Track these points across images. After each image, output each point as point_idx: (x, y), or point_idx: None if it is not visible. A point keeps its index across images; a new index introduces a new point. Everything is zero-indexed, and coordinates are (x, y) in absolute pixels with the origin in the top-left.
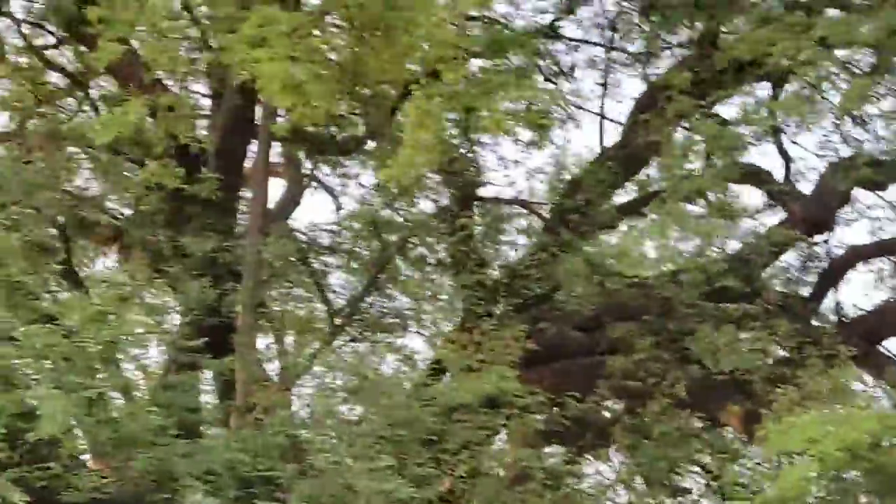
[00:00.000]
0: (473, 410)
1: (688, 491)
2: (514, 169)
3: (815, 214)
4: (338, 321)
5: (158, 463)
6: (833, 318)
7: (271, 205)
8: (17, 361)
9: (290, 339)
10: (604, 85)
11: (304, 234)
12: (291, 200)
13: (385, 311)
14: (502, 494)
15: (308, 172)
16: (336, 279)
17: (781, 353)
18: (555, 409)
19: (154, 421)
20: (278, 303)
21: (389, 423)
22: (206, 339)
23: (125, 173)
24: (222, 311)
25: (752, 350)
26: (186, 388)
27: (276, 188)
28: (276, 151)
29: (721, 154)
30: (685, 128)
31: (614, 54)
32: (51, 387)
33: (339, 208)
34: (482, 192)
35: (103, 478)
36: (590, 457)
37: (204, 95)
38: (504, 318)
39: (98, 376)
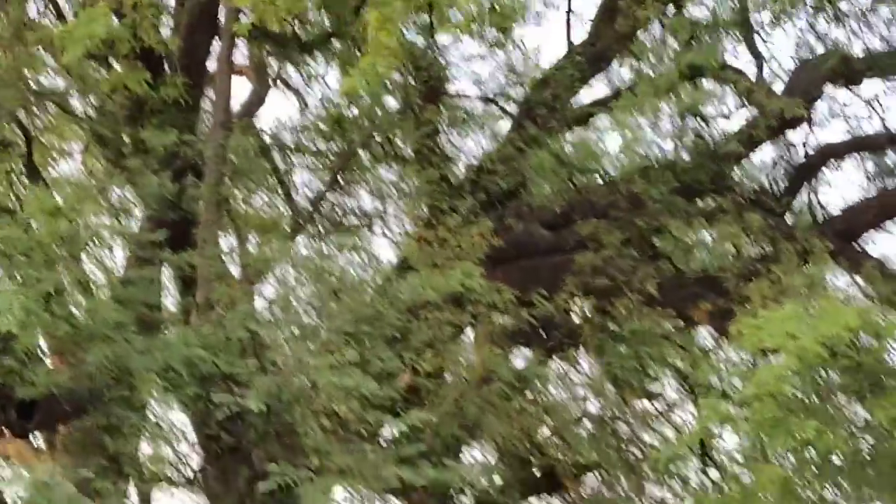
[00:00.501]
0: (438, 308)
1: (659, 395)
2: (479, 65)
3: (786, 110)
4: (300, 219)
5: (116, 359)
6: (808, 215)
7: (236, 104)
8: None
9: (252, 238)
10: None
11: (267, 133)
12: (256, 100)
13: (349, 209)
14: (467, 394)
15: (273, 72)
16: (299, 178)
17: (755, 250)
18: (522, 308)
19: (113, 316)
20: (241, 200)
21: (353, 320)
22: (167, 233)
23: (90, 72)
24: (184, 208)
25: (724, 245)
26: (146, 283)
27: (241, 88)
28: (241, 52)
29: (690, 50)
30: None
31: None
32: (7, 281)
33: (304, 108)
34: (448, 88)
35: (60, 373)
36: (559, 360)
37: None
38: (470, 215)
39: (57, 272)
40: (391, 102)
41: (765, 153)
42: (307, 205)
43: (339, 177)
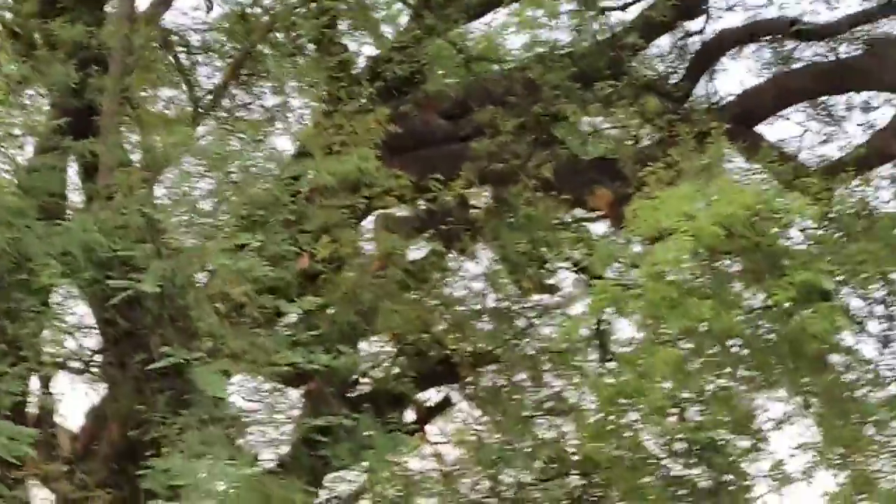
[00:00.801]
0: (335, 193)
1: (556, 288)
2: None
3: None
4: (201, 111)
5: (15, 244)
6: (705, 102)
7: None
8: None
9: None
10: None
11: (172, 29)
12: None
13: (249, 103)
14: (363, 282)
15: None
16: (202, 72)
17: (652, 134)
18: (419, 197)
19: (12, 202)
20: (144, 92)
21: (247, 204)
22: (70, 121)
23: None
24: (88, 98)
25: (620, 130)
26: (49, 171)
27: None
28: None
29: None
30: None
31: None
32: None
33: (210, 8)
34: None
35: None
36: (456, 251)
37: None
38: (367, 103)
39: None
40: None
41: (662, 42)
42: (208, 98)
43: (238, 71)
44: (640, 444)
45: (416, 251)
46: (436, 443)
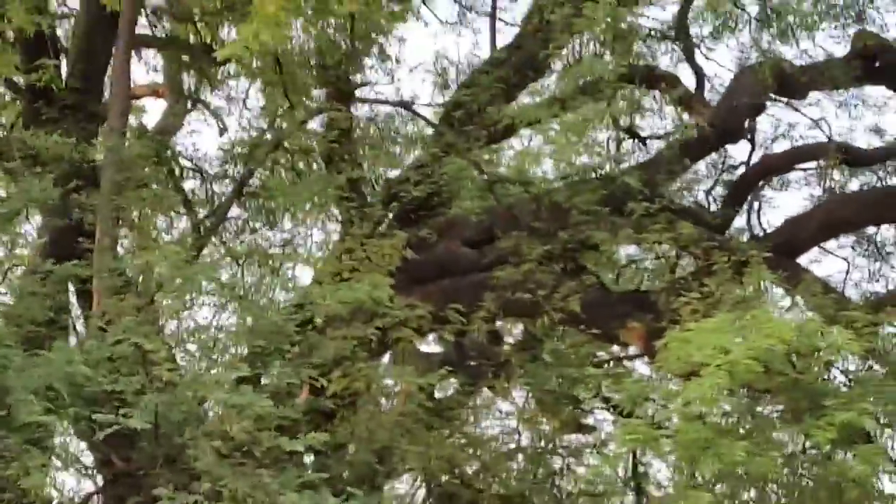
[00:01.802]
0: (346, 323)
1: (591, 428)
2: (395, 66)
3: (724, 121)
4: (203, 233)
5: None
6: (746, 232)
7: (151, 124)
8: None
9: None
10: None
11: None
12: (172, 121)
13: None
14: (382, 420)
15: (190, 91)
16: (204, 193)
17: (687, 263)
18: (443, 329)
19: None
20: (140, 210)
21: (249, 335)
22: (58, 241)
23: None
24: (79, 217)
25: (654, 259)
26: (30, 296)
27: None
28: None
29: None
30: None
31: None
32: None
33: (223, 131)
34: (362, 92)
35: None
36: (489, 391)
37: None
38: (385, 227)
39: None
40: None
41: (701, 167)
42: (211, 219)
43: (243, 191)
44: None
45: (443, 387)
46: None
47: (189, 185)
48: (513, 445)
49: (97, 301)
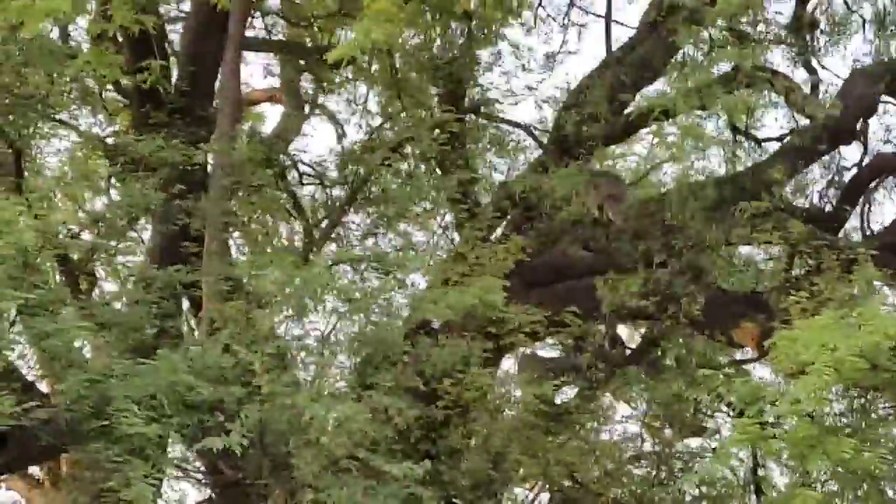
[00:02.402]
0: (461, 330)
1: (714, 432)
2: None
3: (837, 122)
4: (313, 239)
5: (92, 385)
6: (857, 231)
7: (268, 129)
8: None
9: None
10: None
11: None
12: (291, 126)
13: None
14: (500, 427)
15: (308, 96)
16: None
17: (799, 262)
18: (560, 334)
19: (81, 335)
20: (249, 213)
21: (359, 341)
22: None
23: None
24: (187, 222)
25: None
26: (133, 304)
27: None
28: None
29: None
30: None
31: None
32: None
33: (341, 136)
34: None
35: (34, 403)
36: (609, 395)
37: None
38: (501, 233)
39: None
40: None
41: (814, 168)
42: (322, 225)
43: (356, 197)
44: None
45: (562, 393)
46: None
47: (305, 190)
48: (634, 451)
49: (205, 307)
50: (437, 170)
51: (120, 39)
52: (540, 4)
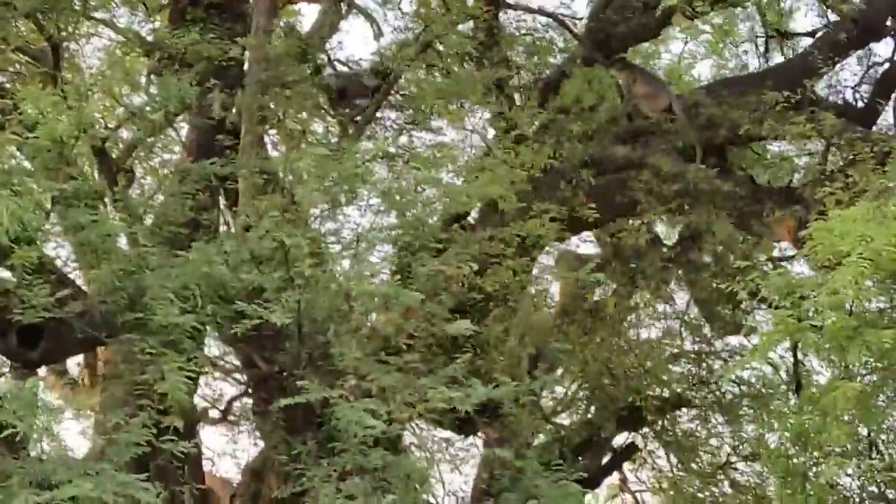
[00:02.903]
0: (497, 222)
1: (753, 329)
2: None
3: (868, 18)
4: (348, 131)
5: (126, 277)
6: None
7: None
8: None
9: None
10: None
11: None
12: (327, 24)
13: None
14: (539, 319)
15: None
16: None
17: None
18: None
19: (117, 227)
20: (284, 108)
21: (394, 230)
22: (200, 141)
23: None
24: (224, 116)
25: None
26: (170, 197)
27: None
28: None
29: None
30: None
31: None
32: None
33: (378, 35)
34: None
35: (68, 293)
36: (647, 293)
37: None
38: (536, 131)
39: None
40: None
41: (847, 64)
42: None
43: (390, 91)
44: (832, 486)
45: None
46: (633, 491)
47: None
48: (673, 349)
49: (241, 200)
50: (472, 66)
51: None
52: None
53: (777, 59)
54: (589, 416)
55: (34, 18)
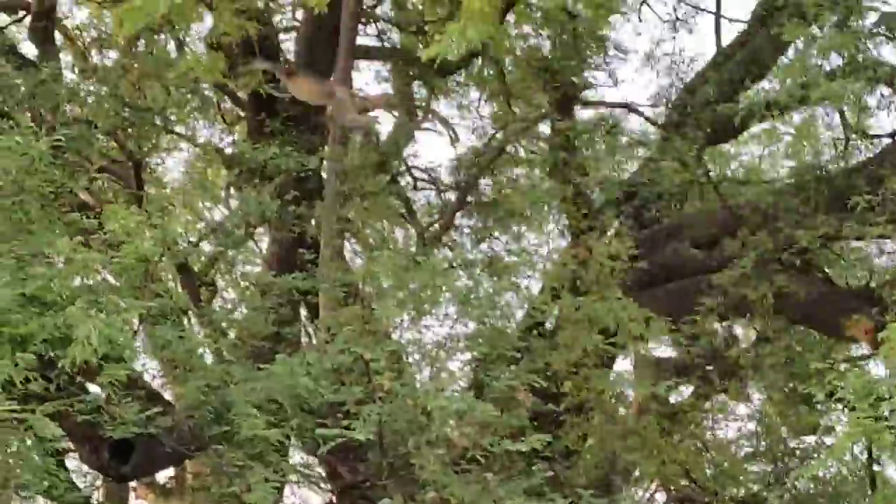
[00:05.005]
0: (578, 332)
1: (830, 430)
2: (617, 67)
3: None
4: (425, 241)
5: (212, 391)
6: None
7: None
8: (52, 282)
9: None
10: None
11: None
12: (403, 132)
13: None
14: (617, 427)
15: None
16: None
17: None
18: (672, 334)
19: (202, 343)
20: (363, 219)
21: (472, 340)
22: (280, 254)
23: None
24: (305, 230)
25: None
26: (252, 311)
27: (390, 122)
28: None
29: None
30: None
31: None
32: (85, 308)
33: (455, 141)
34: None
35: (158, 409)
36: (723, 393)
37: None
38: (614, 235)
39: (143, 296)
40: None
41: None
42: (432, 223)
43: (466, 201)
44: None
45: (677, 392)
46: None
47: (418, 194)
48: (750, 449)
49: (322, 313)
50: (548, 171)
51: (235, 50)
52: (644, 2)
53: (857, 158)
54: None
55: (115, 136)
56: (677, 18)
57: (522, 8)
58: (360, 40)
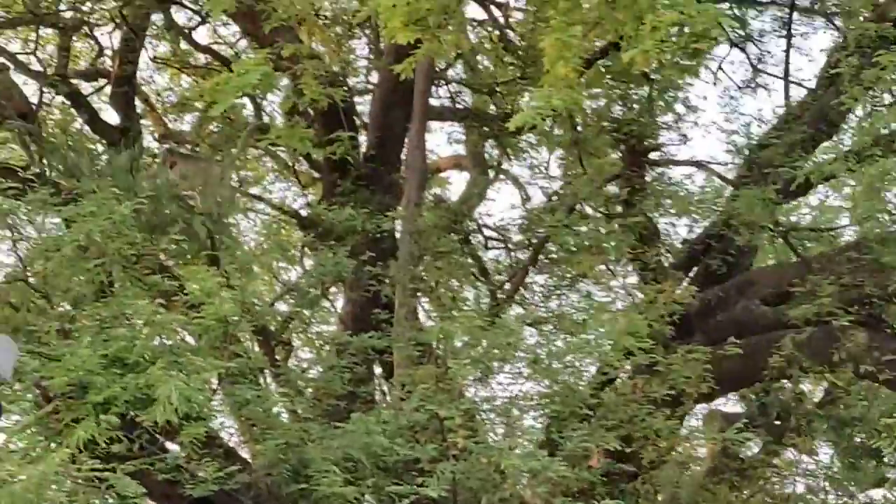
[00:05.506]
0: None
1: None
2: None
3: None
4: (498, 300)
5: (289, 449)
6: None
7: (454, 196)
8: (133, 343)
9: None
10: (788, 41)
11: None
12: (476, 191)
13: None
14: (688, 481)
15: (492, 161)
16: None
17: None
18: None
19: (278, 401)
20: (436, 278)
21: (543, 398)
22: (355, 314)
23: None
24: (379, 289)
25: None
26: (328, 370)
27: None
28: (460, 143)
29: None
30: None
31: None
32: (166, 368)
33: (526, 200)
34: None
35: (236, 467)
36: (792, 448)
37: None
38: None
39: (222, 357)
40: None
41: None
42: (504, 282)
43: (537, 257)
44: None
45: (747, 447)
46: None
47: (490, 253)
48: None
49: (396, 372)
50: (618, 228)
51: (311, 113)
52: (720, 68)
53: None
54: None
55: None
56: (752, 80)
57: (599, 72)
58: (433, 101)
